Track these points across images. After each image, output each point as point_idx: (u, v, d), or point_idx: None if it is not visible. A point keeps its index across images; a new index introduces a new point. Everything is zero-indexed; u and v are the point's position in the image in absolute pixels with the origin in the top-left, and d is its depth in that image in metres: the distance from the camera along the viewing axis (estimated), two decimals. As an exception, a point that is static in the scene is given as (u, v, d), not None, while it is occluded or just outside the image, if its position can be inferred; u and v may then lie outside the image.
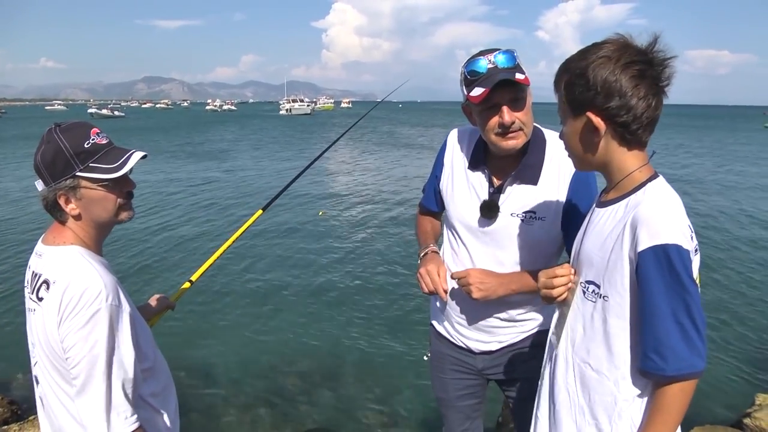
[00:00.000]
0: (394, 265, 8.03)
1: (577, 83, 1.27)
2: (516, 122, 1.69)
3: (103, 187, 1.40)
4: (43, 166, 1.37)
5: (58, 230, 1.43)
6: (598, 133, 1.28)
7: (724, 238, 9.71)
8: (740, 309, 6.49)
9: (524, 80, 1.64)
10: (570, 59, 1.31)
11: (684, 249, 1.19)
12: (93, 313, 1.29)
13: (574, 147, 1.37)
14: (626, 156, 1.30)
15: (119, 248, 8.39)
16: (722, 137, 37.38)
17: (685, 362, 1.18)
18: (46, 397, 1.44)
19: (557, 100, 1.36)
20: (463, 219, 1.89)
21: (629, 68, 1.23)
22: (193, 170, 18.82)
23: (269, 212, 1.79)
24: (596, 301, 1.33)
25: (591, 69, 1.24)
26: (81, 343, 1.28)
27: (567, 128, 1.36)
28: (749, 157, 23.71)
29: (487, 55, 1.67)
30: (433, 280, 1.79)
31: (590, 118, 1.26)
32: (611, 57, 1.24)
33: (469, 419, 2.17)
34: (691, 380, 1.21)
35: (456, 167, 1.94)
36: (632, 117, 1.24)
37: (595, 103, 1.25)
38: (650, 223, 1.21)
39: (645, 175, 1.30)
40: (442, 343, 2.10)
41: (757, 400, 3.91)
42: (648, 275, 1.20)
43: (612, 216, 1.31)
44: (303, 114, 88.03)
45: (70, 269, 1.34)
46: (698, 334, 1.19)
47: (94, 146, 1.39)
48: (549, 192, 1.77)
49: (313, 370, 5.07)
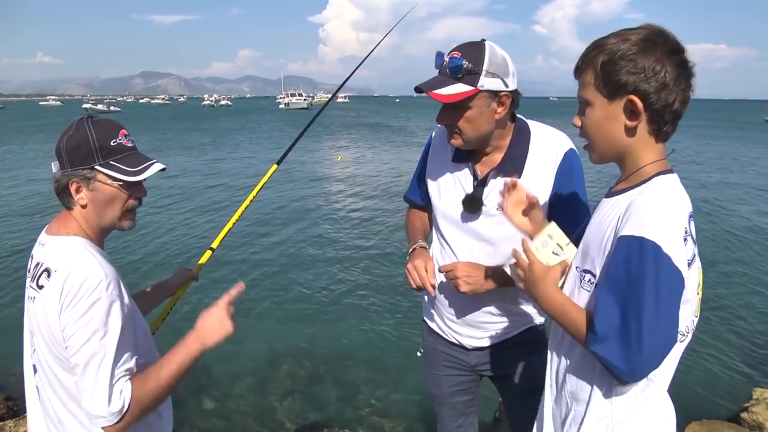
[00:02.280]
0: (387, 261, 8.04)
1: (619, 64, 1.20)
2: (451, 125, 1.71)
3: (117, 186, 1.43)
4: (66, 150, 1.40)
5: (63, 221, 1.45)
6: (636, 117, 1.23)
7: (722, 234, 9.73)
8: (737, 304, 6.49)
9: (442, 97, 1.63)
10: (604, 40, 1.25)
11: (663, 252, 1.11)
12: (93, 302, 1.30)
13: (598, 132, 1.30)
14: (648, 147, 1.26)
15: (126, 241, 8.38)
16: (724, 135, 36.93)
17: (612, 355, 1.15)
18: (43, 387, 1.45)
19: (582, 82, 1.29)
20: (448, 213, 1.89)
21: (673, 56, 1.19)
22: (201, 159, 18.80)
23: (266, 209, 1.75)
24: (591, 290, 1.30)
25: (636, 52, 1.19)
26: (81, 332, 1.29)
27: (596, 111, 1.28)
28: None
29: (454, 52, 1.66)
30: (420, 275, 1.77)
31: (633, 101, 1.20)
32: (656, 42, 1.19)
33: (462, 415, 2.16)
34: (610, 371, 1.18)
35: (440, 162, 1.93)
36: (670, 107, 1.21)
37: (639, 88, 1.19)
38: (638, 213, 1.17)
39: (655, 170, 1.25)
40: (435, 340, 2.09)
41: (754, 394, 3.92)
42: (615, 261, 1.17)
43: (614, 206, 1.27)
44: (300, 108, 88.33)
45: (71, 258, 1.35)
46: (639, 343, 1.11)
47: (120, 146, 1.44)
48: (533, 183, 1.74)
49: (305, 367, 5.06)
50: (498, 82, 1.65)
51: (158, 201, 12.04)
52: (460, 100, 1.63)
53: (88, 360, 1.28)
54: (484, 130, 1.72)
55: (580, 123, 1.34)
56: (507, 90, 1.67)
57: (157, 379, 1.36)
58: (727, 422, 3.67)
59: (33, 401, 1.52)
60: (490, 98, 1.67)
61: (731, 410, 4.02)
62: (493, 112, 1.69)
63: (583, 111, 1.32)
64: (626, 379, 1.17)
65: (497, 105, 1.69)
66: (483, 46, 1.65)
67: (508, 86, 1.67)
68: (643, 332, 1.11)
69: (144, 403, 1.34)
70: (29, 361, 1.50)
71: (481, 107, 1.67)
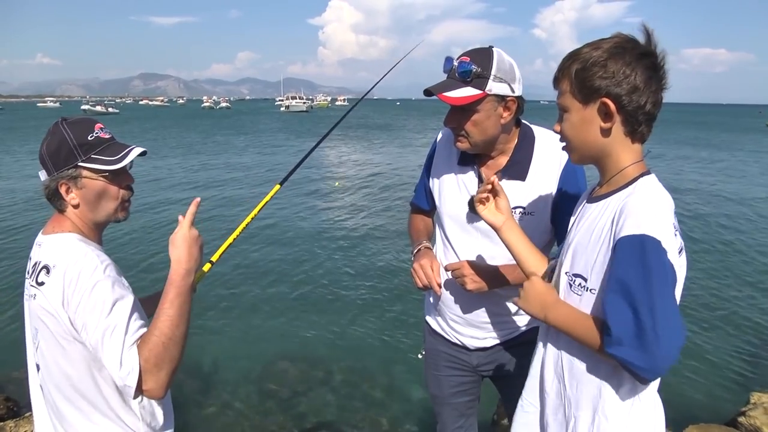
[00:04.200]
0: (389, 263, 8.03)
1: (591, 70, 1.27)
2: (458, 128, 1.74)
3: (103, 179, 1.46)
4: (47, 155, 1.44)
5: (57, 220, 1.49)
6: (610, 119, 1.28)
7: (719, 238, 9.75)
8: (734, 308, 6.52)
9: (452, 99, 1.66)
10: (578, 50, 1.31)
11: (662, 246, 1.16)
12: (93, 284, 1.33)
13: (576, 136, 1.35)
14: (626, 149, 1.31)
15: (123, 243, 8.39)
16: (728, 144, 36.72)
17: (630, 355, 1.15)
18: (47, 384, 1.47)
19: (560, 90, 1.35)
20: (453, 215, 1.92)
21: (643, 60, 1.25)
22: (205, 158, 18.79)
23: (269, 211, 1.75)
24: (582, 294, 1.33)
25: (607, 58, 1.25)
26: (90, 317, 1.31)
27: (573, 116, 1.34)
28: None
29: (463, 57, 1.70)
30: (426, 274, 1.79)
31: (606, 104, 1.26)
32: (626, 47, 1.26)
33: (463, 416, 2.18)
34: (630, 372, 1.18)
35: (446, 165, 1.96)
36: (642, 108, 1.26)
37: (610, 92, 1.25)
38: (634, 213, 1.20)
39: (637, 171, 1.30)
40: (437, 340, 2.11)
41: (752, 398, 3.93)
42: (618, 263, 1.20)
43: (602, 210, 1.31)
44: (300, 111, 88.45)
45: (67, 252, 1.39)
46: (655, 334, 1.12)
47: (97, 139, 1.47)
48: (537, 187, 1.79)
49: (306, 368, 5.07)
50: (505, 87, 1.68)
51: (156, 208, 12.06)
52: (468, 103, 1.67)
53: (102, 337, 1.30)
54: (490, 134, 1.75)
55: (560, 129, 1.40)
56: (513, 95, 1.71)
57: (158, 331, 1.32)
58: (724, 426, 3.69)
59: (38, 400, 1.53)
60: (497, 102, 1.70)
61: (728, 414, 4.03)
62: (499, 117, 1.73)
63: (561, 117, 1.38)
64: (648, 377, 1.18)
65: (503, 110, 1.72)
66: (491, 52, 1.69)
67: (515, 92, 1.71)
68: (658, 327, 1.12)
69: (157, 357, 1.30)
70: (32, 360, 1.51)
71: (488, 111, 1.70)
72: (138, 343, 1.32)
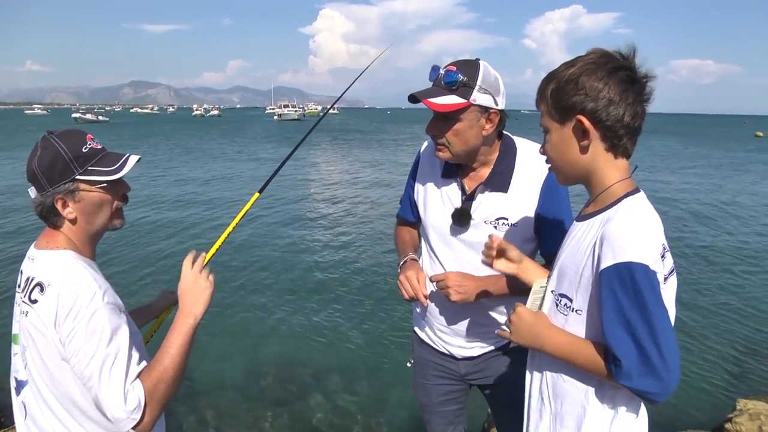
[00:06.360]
0: (374, 273, 8.00)
1: (565, 89, 1.27)
2: (439, 135, 1.76)
3: (101, 190, 1.44)
4: (40, 171, 1.39)
5: (51, 235, 1.46)
6: (587, 136, 1.27)
7: (705, 247, 9.85)
8: (721, 316, 6.58)
9: (436, 106, 1.68)
10: (555, 70, 1.32)
11: (651, 269, 1.16)
12: (92, 313, 1.31)
13: (559, 156, 1.35)
14: (610, 165, 1.30)
15: (116, 251, 8.33)
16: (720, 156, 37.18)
17: (643, 384, 1.16)
18: (34, 400, 1.44)
19: (542, 111, 1.36)
20: (437, 227, 1.93)
21: (617, 74, 1.24)
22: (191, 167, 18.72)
23: (256, 216, 1.76)
24: (568, 314, 1.34)
25: (579, 75, 1.25)
26: (87, 345, 1.30)
27: (553, 136, 1.34)
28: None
29: (450, 66, 1.72)
30: (412, 286, 1.80)
31: (581, 121, 1.26)
32: (599, 63, 1.25)
33: (451, 424, 2.19)
34: (644, 399, 1.20)
35: (430, 176, 1.98)
36: (620, 122, 1.25)
37: (585, 107, 1.25)
38: (615, 240, 1.19)
39: (624, 190, 1.29)
40: (425, 350, 2.12)
41: (738, 405, 3.95)
42: (609, 294, 1.19)
43: (587, 231, 1.31)
44: (293, 119, 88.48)
45: (63, 272, 1.36)
46: (661, 358, 1.14)
47: (92, 151, 1.44)
48: (519, 199, 1.81)
49: (294, 378, 5.05)
50: (489, 98, 1.71)
51: (147, 216, 12.00)
52: (452, 110, 1.69)
53: (100, 368, 1.29)
54: (471, 145, 1.77)
55: (543, 150, 1.41)
56: (496, 108, 1.74)
57: (161, 368, 1.35)
58: (710, 432, 3.72)
59: (19, 418, 1.51)
60: (480, 113, 1.73)
61: (715, 421, 4.06)
62: (481, 128, 1.74)
63: (545, 138, 1.39)
64: (661, 401, 1.19)
65: (486, 121, 1.74)
66: (478, 64, 1.72)
67: (498, 105, 1.74)
68: (662, 350, 1.14)
69: (158, 393, 1.34)
70: (18, 376, 1.48)
71: (471, 121, 1.72)
72: (140, 377, 1.33)
